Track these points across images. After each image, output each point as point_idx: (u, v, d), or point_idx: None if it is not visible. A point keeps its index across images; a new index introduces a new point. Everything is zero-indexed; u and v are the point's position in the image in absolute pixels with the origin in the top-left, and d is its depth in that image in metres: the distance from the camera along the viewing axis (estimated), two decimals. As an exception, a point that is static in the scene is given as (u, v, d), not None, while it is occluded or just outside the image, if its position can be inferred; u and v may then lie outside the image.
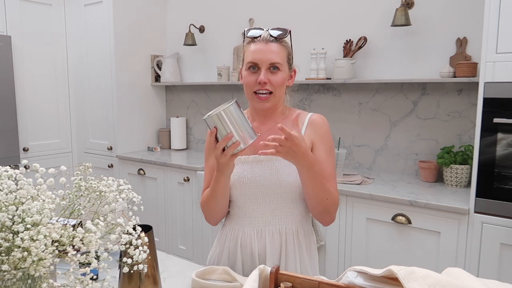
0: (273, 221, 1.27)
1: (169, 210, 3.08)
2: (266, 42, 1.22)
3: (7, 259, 0.73)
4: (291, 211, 1.27)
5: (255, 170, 1.26)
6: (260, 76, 1.19)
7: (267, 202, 1.26)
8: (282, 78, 1.22)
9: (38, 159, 3.27)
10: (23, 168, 0.84)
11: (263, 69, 1.20)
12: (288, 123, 1.23)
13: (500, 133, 1.80)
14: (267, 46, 1.21)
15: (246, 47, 1.26)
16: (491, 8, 1.77)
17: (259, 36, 1.23)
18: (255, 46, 1.22)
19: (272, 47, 1.21)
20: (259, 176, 1.25)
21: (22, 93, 3.18)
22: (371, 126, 2.65)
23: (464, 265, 1.91)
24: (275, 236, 1.26)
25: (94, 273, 1.15)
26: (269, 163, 1.25)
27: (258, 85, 1.21)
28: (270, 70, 1.21)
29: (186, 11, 3.47)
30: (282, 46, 1.24)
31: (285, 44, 1.25)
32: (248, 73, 1.23)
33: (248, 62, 1.22)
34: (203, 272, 1.19)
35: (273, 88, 1.21)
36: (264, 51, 1.21)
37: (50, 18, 3.32)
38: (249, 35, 1.24)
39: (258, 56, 1.21)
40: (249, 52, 1.23)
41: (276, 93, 1.22)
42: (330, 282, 0.85)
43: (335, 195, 1.23)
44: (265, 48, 1.21)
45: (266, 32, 1.23)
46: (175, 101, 3.66)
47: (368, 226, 2.16)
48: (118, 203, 0.91)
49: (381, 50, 2.57)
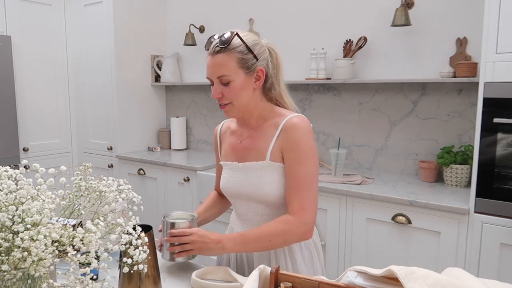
0: (258, 225, 1.26)
1: (169, 210, 3.08)
2: (212, 55, 1.18)
3: (7, 259, 0.73)
4: (274, 213, 1.26)
5: (236, 177, 1.28)
6: (212, 92, 1.20)
7: (252, 207, 1.27)
8: (235, 88, 1.18)
9: (38, 159, 3.27)
10: (23, 168, 0.84)
11: (215, 84, 1.19)
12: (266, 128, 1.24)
13: (500, 133, 1.80)
14: (214, 59, 1.18)
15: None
16: (491, 8, 1.77)
17: (208, 48, 1.20)
18: (207, 59, 1.20)
19: (217, 60, 1.17)
20: (238, 183, 1.27)
21: (22, 93, 3.18)
22: (371, 126, 2.65)
23: (464, 265, 1.91)
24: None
25: (94, 273, 1.15)
26: (245, 171, 1.25)
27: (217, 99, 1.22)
28: (222, 83, 1.18)
29: (186, 11, 3.47)
30: (229, 55, 1.16)
31: (233, 52, 1.16)
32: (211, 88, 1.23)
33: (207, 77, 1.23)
34: (203, 272, 1.19)
35: (229, 100, 1.19)
36: (211, 65, 1.18)
37: (50, 18, 3.32)
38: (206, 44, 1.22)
39: (208, 71, 1.20)
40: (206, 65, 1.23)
41: (235, 102, 1.20)
42: (330, 282, 0.85)
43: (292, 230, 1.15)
44: (212, 61, 1.18)
45: (215, 41, 1.18)
46: (175, 101, 3.66)
47: (368, 226, 2.16)
48: (118, 203, 0.91)
49: (381, 50, 2.57)
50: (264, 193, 1.22)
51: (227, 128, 1.40)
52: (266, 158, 1.21)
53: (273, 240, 1.16)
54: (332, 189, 2.23)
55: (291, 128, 1.19)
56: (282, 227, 1.16)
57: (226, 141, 1.37)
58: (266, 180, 1.21)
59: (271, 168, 1.21)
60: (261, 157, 1.23)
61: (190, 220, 1.23)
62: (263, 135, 1.24)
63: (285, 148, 1.20)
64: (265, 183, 1.21)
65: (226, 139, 1.37)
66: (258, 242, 1.17)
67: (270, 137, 1.23)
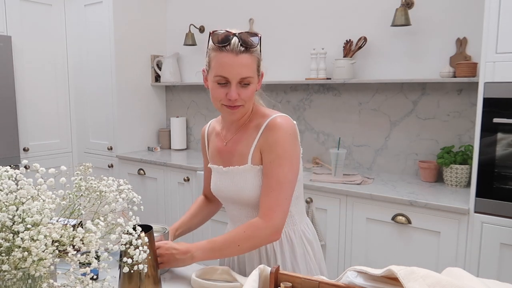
0: None
1: (169, 210, 3.08)
2: (236, 54, 1.10)
3: (7, 259, 0.73)
4: None
5: (222, 180, 1.27)
6: (230, 93, 1.12)
7: (242, 210, 1.27)
8: (252, 91, 1.16)
9: (38, 159, 3.27)
10: (23, 168, 0.84)
11: (233, 85, 1.12)
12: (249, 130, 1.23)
13: (500, 133, 1.80)
14: (237, 59, 1.10)
15: (213, 54, 1.14)
16: (491, 8, 1.77)
17: (227, 45, 1.11)
18: (224, 57, 1.11)
19: (243, 60, 1.11)
20: (223, 187, 1.27)
21: (22, 93, 3.18)
22: (371, 126, 2.65)
23: (464, 265, 1.91)
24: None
25: (94, 273, 1.15)
26: (229, 175, 1.24)
27: (229, 101, 1.14)
28: (241, 85, 1.13)
29: (186, 11, 3.47)
30: (252, 57, 1.13)
31: (254, 53, 1.13)
32: (216, 86, 1.14)
33: (217, 76, 1.13)
34: (203, 272, 1.19)
35: (243, 102, 1.15)
36: (234, 65, 1.10)
37: (50, 18, 3.33)
38: (217, 41, 1.12)
39: (227, 70, 1.11)
40: (218, 63, 1.12)
41: (246, 105, 1.17)
42: (330, 282, 0.85)
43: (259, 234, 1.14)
44: (235, 61, 1.10)
45: (236, 40, 1.11)
46: (175, 101, 3.66)
47: (368, 226, 2.16)
48: (118, 203, 0.91)
49: (381, 50, 2.57)
50: (249, 196, 1.21)
51: (213, 129, 1.37)
52: (248, 162, 1.20)
53: (241, 245, 1.15)
54: (332, 189, 2.23)
55: (271, 128, 1.17)
56: (250, 231, 1.15)
57: (213, 143, 1.35)
58: (250, 184, 1.20)
59: (253, 171, 1.20)
60: (244, 161, 1.21)
61: (161, 234, 1.27)
62: (246, 137, 1.23)
63: (263, 148, 1.18)
64: (249, 186, 1.20)
65: (212, 140, 1.36)
66: (227, 248, 1.16)
67: (252, 140, 1.21)
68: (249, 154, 1.20)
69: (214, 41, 1.13)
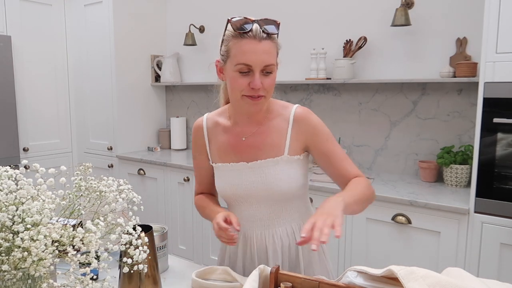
0: (271, 225, 1.23)
1: (169, 210, 3.09)
2: (259, 40, 1.06)
3: (7, 259, 0.73)
4: (288, 212, 1.23)
5: (245, 178, 1.20)
6: (254, 81, 1.07)
7: (262, 207, 1.21)
8: (274, 80, 1.12)
9: (38, 159, 3.27)
10: (23, 168, 0.84)
11: (256, 73, 1.07)
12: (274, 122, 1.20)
13: (500, 133, 1.80)
14: (260, 45, 1.06)
15: (233, 42, 1.08)
16: (491, 8, 1.77)
17: (249, 31, 1.06)
18: (246, 44, 1.06)
19: (265, 46, 1.07)
20: (249, 184, 1.20)
21: (22, 93, 3.18)
22: (371, 126, 2.65)
23: (464, 265, 1.91)
24: (276, 239, 1.22)
25: (94, 273, 1.15)
26: (258, 170, 1.19)
27: (251, 91, 1.09)
28: (263, 73, 1.08)
29: (186, 11, 3.47)
30: (274, 44, 1.10)
31: (275, 40, 1.11)
32: (237, 75, 1.08)
33: (240, 63, 1.07)
34: (203, 272, 1.19)
35: (266, 92, 1.10)
36: (258, 52, 1.06)
37: (50, 18, 3.32)
38: (238, 27, 1.06)
39: (251, 58, 1.06)
40: (240, 51, 1.07)
41: (268, 95, 1.12)
42: (330, 282, 0.85)
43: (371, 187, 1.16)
44: (258, 48, 1.06)
45: (257, 26, 1.07)
46: (175, 101, 3.66)
47: (368, 226, 2.16)
48: (118, 203, 0.91)
49: (381, 50, 2.57)
50: (283, 189, 1.17)
51: (215, 124, 1.27)
52: (284, 153, 1.17)
53: (366, 202, 1.13)
54: (332, 189, 2.23)
55: (303, 117, 1.19)
56: (370, 187, 1.15)
57: (218, 139, 1.26)
58: (285, 175, 1.17)
59: (290, 162, 1.18)
60: (278, 152, 1.18)
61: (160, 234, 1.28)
62: (274, 129, 1.19)
63: (306, 136, 1.18)
64: (284, 178, 1.17)
65: (217, 136, 1.26)
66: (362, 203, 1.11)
67: (283, 131, 1.18)
68: (285, 144, 1.18)
69: (234, 28, 1.07)
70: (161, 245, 1.29)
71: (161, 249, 1.28)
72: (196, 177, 1.37)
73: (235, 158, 1.22)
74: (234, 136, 1.23)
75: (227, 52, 1.10)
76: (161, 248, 1.29)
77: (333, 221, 0.91)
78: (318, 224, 0.90)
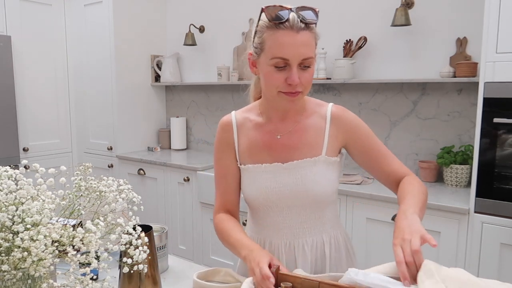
0: (302, 234, 1.13)
1: (169, 210, 3.08)
2: (296, 31, 0.95)
3: (7, 259, 0.73)
4: (320, 220, 1.14)
5: (279, 180, 1.10)
6: (292, 76, 0.97)
7: (293, 214, 1.12)
8: (312, 75, 1.02)
9: (38, 159, 3.27)
10: (23, 168, 0.84)
11: (294, 67, 0.97)
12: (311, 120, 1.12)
13: (500, 133, 1.80)
14: (298, 36, 0.95)
15: (267, 33, 0.99)
16: (491, 8, 1.77)
17: (286, 21, 0.95)
18: (282, 36, 0.96)
19: (304, 38, 0.96)
20: (283, 187, 1.10)
21: (22, 93, 3.18)
22: (371, 126, 2.61)
23: (464, 265, 1.91)
24: (306, 249, 1.13)
25: (94, 273, 1.15)
26: (294, 171, 1.09)
27: (288, 87, 0.99)
28: (301, 67, 0.98)
29: (186, 11, 3.47)
30: (312, 34, 0.99)
31: (313, 30, 0.99)
32: (273, 70, 0.99)
33: (276, 57, 0.97)
34: (206, 273, 1.15)
35: (303, 87, 1.01)
36: (296, 44, 0.96)
37: (50, 18, 3.32)
38: (274, 16, 0.97)
39: (288, 51, 0.96)
40: (275, 43, 0.97)
41: (305, 91, 1.03)
42: (330, 282, 0.84)
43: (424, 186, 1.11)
44: (296, 39, 0.95)
45: (294, 15, 0.96)
46: (175, 101, 3.66)
47: (368, 226, 2.16)
48: (118, 203, 0.91)
49: (381, 50, 2.57)
50: (319, 192, 1.09)
51: (246, 120, 1.16)
52: (322, 153, 1.10)
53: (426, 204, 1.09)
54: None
55: (341, 115, 1.12)
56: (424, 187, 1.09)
57: (249, 138, 1.15)
58: (322, 177, 1.09)
59: (327, 163, 1.10)
60: (316, 152, 1.10)
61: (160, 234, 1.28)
62: (311, 127, 1.12)
63: (346, 134, 1.12)
64: (322, 180, 1.08)
65: (248, 134, 1.15)
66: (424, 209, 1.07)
67: (321, 129, 1.11)
68: (323, 144, 1.10)
69: (269, 18, 0.98)
70: (161, 245, 1.29)
71: (161, 249, 1.28)
72: (218, 187, 1.21)
73: (268, 158, 1.12)
74: (267, 134, 1.13)
75: (261, 44, 1.00)
76: (161, 248, 1.29)
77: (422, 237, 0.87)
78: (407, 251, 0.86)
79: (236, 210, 1.21)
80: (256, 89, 1.20)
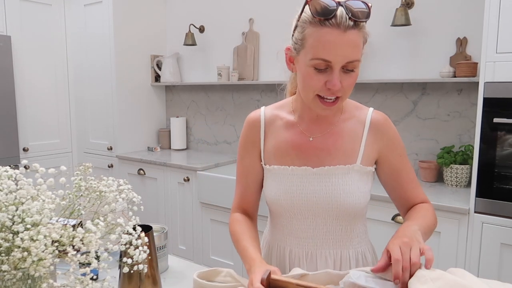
0: (326, 245, 1.05)
1: (169, 210, 3.08)
2: (343, 30, 0.84)
3: (7, 259, 0.73)
4: (347, 234, 1.06)
5: (306, 185, 1.01)
6: (332, 80, 0.87)
7: (318, 223, 1.03)
8: (355, 80, 0.91)
9: (38, 159, 3.27)
10: (23, 168, 0.84)
11: (336, 70, 0.87)
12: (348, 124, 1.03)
13: (500, 133, 1.80)
14: (345, 36, 0.84)
15: (310, 29, 0.87)
16: (491, 8, 1.77)
17: (333, 17, 0.84)
18: (327, 34, 0.85)
19: (351, 37, 0.85)
20: (310, 193, 1.01)
21: (22, 93, 3.18)
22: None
23: (464, 265, 1.91)
24: (329, 262, 1.05)
25: (94, 273, 1.15)
26: (324, 178, 1.00)
27: (327, 91, 0.90)
28: (344, 70, 0.88)
29: (186, 11, 3.47)
30: (361, 34, 0.87)
31: (363, 29, 0.88)
32: (312, 71, 0.89)
33: (317, 58, 0.87)
34: (206, 274, 1.13)
35: (344, 92, 0.91)
36: (341, 45, 0.85)
37: (50, 18, 3.32)
38: (319, 11, 0.85)
39: (331, 52, 0.85)
40: (318, 42, 0.86)
41: (345, 96, 0.93)
42: None
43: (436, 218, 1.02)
44: (342, 40, 0.84)
45: (342, 11, 0.84)
46: (175, 101, 3.66)
47: (368, 226, 2.15)
48: (118, 203, 0.91)
49: (381, 50, 2.57)
50: (347, 204, 1.00)
51: (276, 117, 1.08)
52: (357, 161, 1.01)
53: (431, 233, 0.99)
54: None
55: (382, 123, 1.04)
56: (435, 218, 1.02)
57: (278, 136, 1.06)
58: (355, 188, 1.00)
59: (361, 172, 1.02)
60: (350, 160, 1.01)
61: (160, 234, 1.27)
62: (348, 132, 1.03)
63: (382, 147, 1.03)
64: (354, 190, 1.00)
65: (276, 132, 1.07)
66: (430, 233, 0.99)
67: (358, 136, 1.02)
68: (359, 152, 1.02)
69: (314, 12, 0.86)
70: (161, 245, 1.29)
71: (161, 249, 1.28)
72: (238, 186, 1.14)
73: (297, 160, 1.03)
74: (298, 135, 1.05)
75: (302, 41, 0.90)
76: (161, 248, 1.29)
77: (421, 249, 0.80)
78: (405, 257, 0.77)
79: (253, 211, 1.15)
80: (292, 84, 1.13)
